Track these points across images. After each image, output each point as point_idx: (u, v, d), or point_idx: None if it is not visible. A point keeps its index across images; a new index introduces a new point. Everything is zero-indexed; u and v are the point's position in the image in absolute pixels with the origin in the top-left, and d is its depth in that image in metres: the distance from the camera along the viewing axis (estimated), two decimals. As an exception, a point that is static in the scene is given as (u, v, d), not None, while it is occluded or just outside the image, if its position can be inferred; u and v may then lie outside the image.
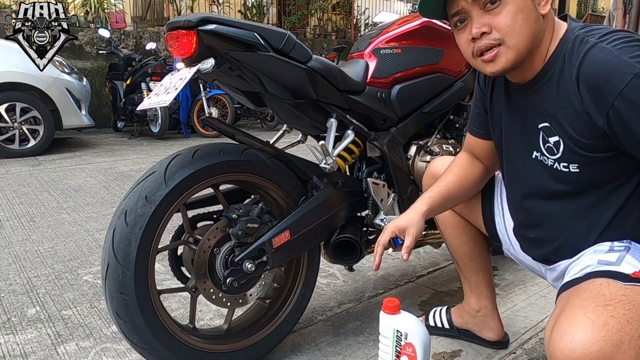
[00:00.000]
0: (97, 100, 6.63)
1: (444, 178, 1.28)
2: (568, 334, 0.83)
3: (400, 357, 1.14)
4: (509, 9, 0.93)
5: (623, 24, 3.44)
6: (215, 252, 1.35)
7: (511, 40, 0.95)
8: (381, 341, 1.18)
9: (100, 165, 4.48)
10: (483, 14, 0.95)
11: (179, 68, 1.34)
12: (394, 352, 1.15)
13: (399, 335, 1.14)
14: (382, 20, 2.03)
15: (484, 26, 0.95)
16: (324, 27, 9.90)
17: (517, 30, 0.94)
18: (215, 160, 1.30)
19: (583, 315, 0.84)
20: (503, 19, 0.94)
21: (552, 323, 0.90)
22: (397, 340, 1.14)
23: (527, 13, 0.94)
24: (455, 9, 0.98)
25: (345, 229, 1.55)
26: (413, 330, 1.13)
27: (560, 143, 1.00)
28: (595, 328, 0.81)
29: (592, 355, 0.79)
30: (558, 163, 1.02)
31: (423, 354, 1.13)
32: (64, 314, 1.81)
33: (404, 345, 1.13)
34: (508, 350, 1.49)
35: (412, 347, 1.12)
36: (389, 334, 1.15)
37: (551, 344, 0.86)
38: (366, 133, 1.60)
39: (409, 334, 1.13)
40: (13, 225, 2.81)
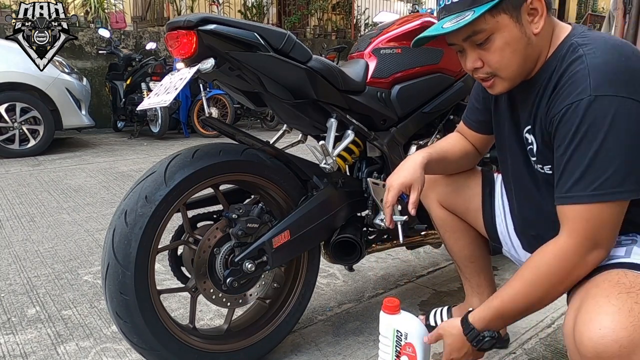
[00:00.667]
0: (97, 100, 6.63)
1: (437, 143, 1.33)
2: (595, 321, 0.83)
3: (400, 357, 1.14)
4: (497, 46, 0.96)
5: (623, 24, 3.44)
6: (215, 252, 1.35)
7: (503, 73, 1.00)
8: (381, 341, 1.17)
9: (100, 165, 4.48)
10: (475, 49, 0.99)
11: (179, 68, 1.34)
12: (394, 352, 1.14)
13: (399, 335, 1.13)
14: (382, 20, 2.03)
15: (477, 61, 1.01)
16: (324, 27, 9.90)
17: (506, 64, 0.98)
18: (215, 160, 1.30)
19: (608, 303, 0.83)
20: (492, 56, 0.98)
21: (574, 314, 0.89)
22: (397, 340, 1.13)
23: (516, 44, 0.96)
24: (450, 41, 1.02)
25: (345, 229, 1.55)
26: (413, 331, 1.13)
27: (534, 144, 1.05)
28: (622, 314, 0.81)
29: (622, 340, 0.79)
30: (536, 164, 1.07)
31: (423, 354, 1.13)
32: (64, 314, 1.81)
33: (404, 345, 1.12)
34: (508, 350, 1.49)
35: (412, 347, 1.12)
36: (389, 334, 1.14)
37: (577, 333, 0.85)
38: (366, 133, 1.60)
39: (409, 334, 1.12)
40: (13, 225, 2.81)
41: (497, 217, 1.33)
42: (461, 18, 0.94)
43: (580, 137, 0.89)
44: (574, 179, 0.90)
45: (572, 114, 0.90)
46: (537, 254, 0.97)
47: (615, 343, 0.80)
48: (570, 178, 0.91)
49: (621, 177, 0.87)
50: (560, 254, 0.93)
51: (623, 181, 0.87)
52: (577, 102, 0.89)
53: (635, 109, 0.86)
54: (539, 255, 0.96)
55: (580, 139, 0.89)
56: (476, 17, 0.92)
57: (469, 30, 0.95)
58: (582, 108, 0.88)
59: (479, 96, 1.27)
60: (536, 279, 0.95)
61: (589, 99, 0.88)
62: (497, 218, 1.33)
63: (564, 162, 0.92)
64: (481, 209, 1.36)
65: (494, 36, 0.96)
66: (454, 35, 0.99)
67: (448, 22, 0.96)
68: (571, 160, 0.90)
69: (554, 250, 0.94)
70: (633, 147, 0.87)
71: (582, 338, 0.83)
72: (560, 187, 0.93)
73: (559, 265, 0.93)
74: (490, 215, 1.34)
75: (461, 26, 0.93)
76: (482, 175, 1.39)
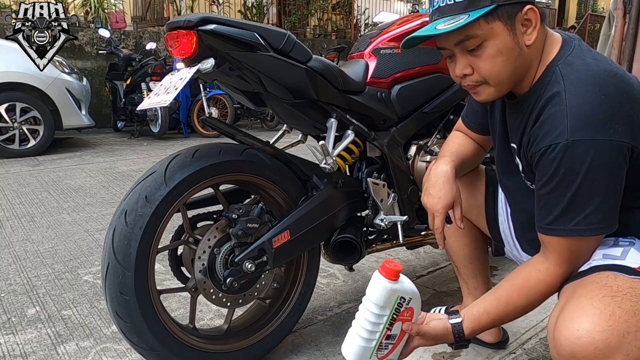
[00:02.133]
0: (97, 100, 6.63)
1: (451, 146, 1.31)
2: (575, 322, 0.84)
3: (395, 323, 1.03)
4: (489, 53, 0.95)
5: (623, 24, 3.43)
6: (215, 252, 1.35)
7: (492, 81, 0.99)
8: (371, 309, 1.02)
9: (100, 165, 4.48)
10: (466, 55, 0.98)
11: (179, 68, 1.34)
12: (389, 319, 1.02)
13: (402, 302, 1.02)
14: (382, 20, 2.03)
15: (467, 67, 0.99)
16: (324, 27, 9.90)
17: (496, 73, 0.97)
18: (215, 160, 1.30)
19: (590, 305, 0.84)
20: (483, 63, 0.97)
21: (558, 312, 0.90)
22: (398, 308, 1.02)
23: (508, 53, 0.95)
24: (441, 45, 1.01)
25: (345, 229, 1.55)
26: (416, 295, 1.04)
27: (519, 164, 1.08)
28: (602, 317, 0.82)
29: (598, 343, 0.80)
30: (525, 180, 1.09)
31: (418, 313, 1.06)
32: (64, 314, 1.81)
33: (404, 310, 1.03)
34: (508, 350, 1.49)
35: (412, 311, 1.04)
36: (389, 303, 1.01)
37: (557, 332, 0.86)
38: (366, 133, 1.60)
39: (413, 299, 1.03)
40: (13, 225, 2.81)
41: (499, 216, 1.33)
42: (455, 21, 0.93)
43: (558, 179, 0.92)
44: (555, 215, 0.94)
45: (549, 156, 0.92)
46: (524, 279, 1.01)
47: (591, 345, 0.81)
48: (551, 213, 0.95)
49: (600, 216, 0.91)
50: (551, 282, 0.99)
51: (602, 219, 0.92)
52: (554, 145, 0.91)
53: (612, 148, 0.88)
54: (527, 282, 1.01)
55: (559, 181, 0.92)
56: (471, 20, 0.91)
57: (462, 34, 0.94)
58: (559, 152, 0.90)
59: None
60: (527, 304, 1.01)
61: (566, 144, 0.89)
62: (499, 217, 1.33)
63: (544, 197, 0.96)
64: (484, 207, 1.36)
65: (487, 43, 0.94)
66: (446, 39, 0.97)
67: (442, 23, 0.95)
68: (551, 198, 0.94)
69: (546, 280, 0.99)
70: (609, 187, 0.91)
71: (560, 337, 0.85)
72: (542, 218, 0.97)
73: (548, 291, 1.00)
74: (493, 215, 1.34)
75: (455, 28, 0.92)
76: (486, 175, 1.39)
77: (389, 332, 1.03)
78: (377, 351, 1.04)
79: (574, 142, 0.89)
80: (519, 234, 1.25)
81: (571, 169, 0.90)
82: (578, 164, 0.89)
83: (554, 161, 0.91)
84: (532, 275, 1.00)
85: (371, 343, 1.03)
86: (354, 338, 1.04)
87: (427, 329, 1.04)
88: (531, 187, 1.07)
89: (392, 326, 1.03)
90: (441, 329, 1.04)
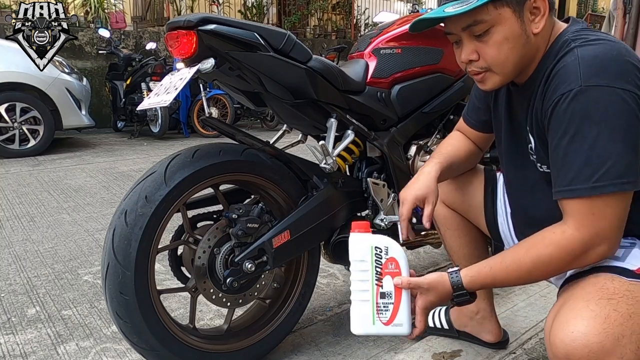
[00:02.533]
0: (97, 100, 6.63)
1: (443, 148, 1.31)
2: (570, 324, 0.83)
3: (382, 278, 1.00)
4: (496, 39, 0.95)
5: (623, 24, 3.43)
6: (215, 252, 1.35)
7: (497, 69, 0.98)
8: (355, 268, 1.02)
9: (100, 165, 4.48)
10: (473, 40, 0.97)
11: (179, 68, 1.34)
12: (374, 274, 1.00)
13: (379, 252, 1.00)
14: (382, 20, 2.03)
15: (472, 53, 0.98)
16: (324, 27, 9.90)
17: (502, 60, 0.97)
18: (215, 160, 1.30)
19: (586, 307, 0.84)
20: (489, 49, 0.96)
21: (554, 314, 0.90)
22: (377, 259, 1.00)
23: (515, 40, 0.95)
24: (448, 30, 1.01)
25: (345, 229, 1.54)
26: (392, 244, 1.02)
27: (533, 143, 1.03)
28: (597, 320, 0.81)
29: (592, 346, 0.80)
30: (537, 163, 1.05)
31: (406, 268, 1.02)
32: (64, 314, 1.81)
33: (386, 262, 1.00)
34: (508, 350, 1.49)
35: (395, 261, 1.01)
36: (365, 254, 1.00)
37: (552, 334, 0.86)
38: (366, 133, 1.60)
39: (390, 247, 1.01)
40: (13, 225, 2.81)
41: (499, 215, 1.33)
42: (465, 4, 0.92)
43: (574, 129, 0.87)
44: (573, 173, 0.88)
45: (563, 105, 0.88)
46: (538, 240, 0.93)
47: (585, 347, 0.80)
48: (569, 171, 0.88)
49: (621, 169, 0.84)
50: (565, 246, 0.90)
51: (623, 173, 0.85)
52: (567, 92, 0.87)
53: (629, 97, 0.84)
54: (540, 242, 0.93)
55: (575, 131, 0.87)
56: (480, 4, 0.90)
57: (471, 18, 0.94)
58: (573, 99, 0.87)
59: (480, 95, 1.27)
60: (533, 266, 0.93)
61: (579, 89, 0.86)
62: (499, 217, 1.33)
63: (560, 156, 0.90)
64: (483, 206, 1.36)
65: (494, 29, 0.94)
66: (454, 23, 0.97)
67: (450, 7, 0.94)
68: (568, 153, 0.88)
69: (559, 242, 0.90)
70: (628, 138, 0.85)
71: (555, 339, 0.85)
72: (561, 181, 0.90)
73: (561, 256, 0.90)
74: (493, 214, 1.34)
75: (464, 11, 0.91)
76: (485, 174, 1.39)
77: (380, 288, 1.00)
78: (378, 315, 1.00)
79: (588, 87, 0.85)
80: (519, 233, 1.25)
81: (587, 115, 0.85)
82: (594, 109, 0.85)
83: (567, 109, 0.87)
84: (545, 236, 0.92)
85: (367, 305, 1.00)
86: (353, 309, 1.02)
87: (419, 280, 1.00)
88: (542, 172, 1.03)
89: (381, 282, 1.00)
90: (435, 277, 1.00)
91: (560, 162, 0.90)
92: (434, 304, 1.01)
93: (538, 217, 1.11)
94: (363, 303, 1.01)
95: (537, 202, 1.11)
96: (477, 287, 0.99)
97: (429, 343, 1.51)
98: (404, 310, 1.01)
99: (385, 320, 1.00)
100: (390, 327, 1.00)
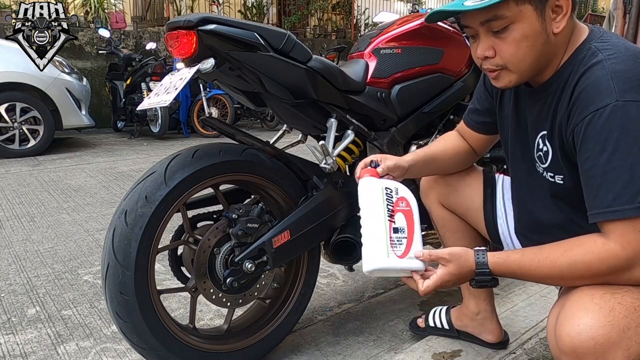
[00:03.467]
0: (97, 100, 6.63)
1: (431, 144, 1.33)
2: (575, 317, 0.84)
3: (394, 215, 1.00)
4: (514, 37, 0.92)
5: (623, 24, 3.43)
6: (215, 252, 1.35)
7: (513, 67, 0.96)
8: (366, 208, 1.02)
9: (100, 165, 4.48)
10: (490, 36, 0.95)
11: (179, 68, 1.34)
12: (386, 212, 1.00)
13: (389, 192, 1.01)
14: (382, 20, 2.03)
15: (489, 49, 0.96)
16: (324, 27, 9.89)
17: (519, 58, 0.94)
18: (215, 160, 1.30)
19: (591, 301, 0.84)
20: (507, 47, 0.93)
21: (558, 309, 0.90)
22: (388, 198, 1.00)
23: (534, 39, 0.92)
24: (465, 23, 0.98)
25: (345, 229, 1.54)
26: (402, 186, 1.02)
27: (549, 152, 1.00)
28: (602, 313, 0.82)
29: (599, 338, 0.81)
30: (546, 172, 1.03)
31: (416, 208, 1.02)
32: (64, 314, 1.81)
33: (397, 200, 1.00)
34: (508, 350, 1.49)
35: (406, 200, 1.01)
36: (377, 195, 1.01)
37: (558, 328, 0.86)
38: (366, 133, 1.60)
39: (399, 188, 1.03)
40: (13, 225, 2.81)
41: (498, 217, 1.33)
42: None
43: (612, 147, 0.83)
44: (614, 193, 0.83)
45: (598, 121, 0.84)
46: (575, 244, 0.89)
47: (591, 340, 0.81)
48: (609, 192, 0.84)
49: None
50: (606, 259, 0.85)
51: None
52: (602, 108, 0.84)
53: None
54: (577, 247, 0.88)
55: (613, 149, 0.83)
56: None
57: (490, 13, 0.91)
58: (610, 115, 0.83)
59: (481, 98, 1.26)
60: (567, 269, 0.88)
61: (615, 105, 0.83)
62: (498, 219, 1.33)
63: (598, 174, 0.85)
64: (482, 208, 1.36)
65: (514, 26, 0.91)
66: (472, 17, 0.94)
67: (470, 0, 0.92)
68: (607, 172, 0.84)
69: (599, 254, 0.85)
70: None
71: (561, 333, 0.85)
72: (599, 201, 0.86)
73: (601, 269, 0.86)
74: (492, 216, 1.34)
75: (484, 6, 0.89)
76: (483, 176, 1.38)
77: (392, 224, 0.99)
78: (392, 248, 0.98)
79: (625, 103, 0.83)
80: (522, 236, 1.24)
81: (626, 132, 0.82)
82: (633, 125, 0.82)
83: (604, 126, 0.84)
84: (585, 242, 0.88)
85: (381, 240, 0.98)
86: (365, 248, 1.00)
87: (440, 250, 0.97)
88: (553, 182, 1.01)
89: (394, 218, 1.00)
90: (458, 249, 0.97)
91: (597, 181, 0.86)
92: (453, 276, 0.96)
93: (545, 221, 1.10)
94: (376, 239, 0.98)
95: (543, 207, 1.10)
96: (501, 271, 0.95)
97: (429, 343, 1.51)
98: (417, 244, 1.00)
99: (399, 253, 0.98)
100: (405, 259, 0.98)
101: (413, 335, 1.63)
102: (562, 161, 0.97)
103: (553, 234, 1.06)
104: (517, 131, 1.13)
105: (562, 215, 1.06)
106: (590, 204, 0.88)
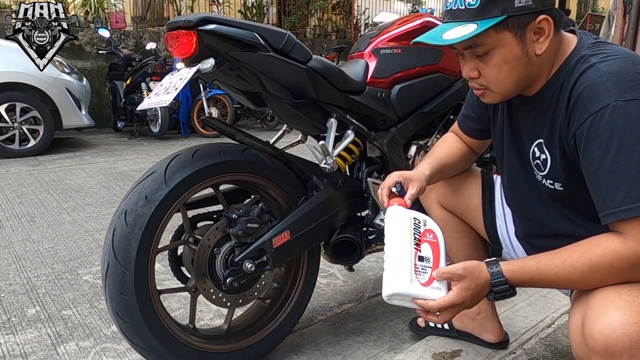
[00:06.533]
0: (97, 100, 6.63)
1: (436, 151, 1.32)
2: (606, 315, 0.82)
3: (421, 244, 1.00)
4: (495, 62, 0.95)
5: (623, 24, 3.43)
6: (215, 252, 1.35)
7: (496, 89, 0.99)
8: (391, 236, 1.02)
9: (100, 165, 4.47)
10: (474, 58, 0.98)
11: (179, 68, 1.34)
12: (413, 240, 1.00)
13: (417, 223, 1.02)
14: (382, 20, 2.03)
15: (473, 70, 1.00)
16: (324, 27, 9.89)
17: (501, 81, 0.97)
18: (215, 160, 1.30)
19: (619, 298, 0.83)
20: (489, 70, 0.97)
21: (582, 309, 0.88)
22: (416, 228, 1.02)
23: (515, 63, 0.95)
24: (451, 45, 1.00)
25: (345, 229, 1.55)
26: (430, 219, 1.04)
27: (548, 161, 1.01)
28: (633, 309, 0.81)
29: (633, 335, 0.79)
30: (545, 179, 1.04)
31: (444, 243, 1.02)
32: (64, 314, 1.81)
33: (424, 231, 1.02)
34: (508, 350, 1.49)
35: (433, 233, 1.02)
36: (405, 224, 1.01)
37: (587, 327, 0.84)
38: (366, 133, 1.60)
39: (428, 220, 1.04)
40: (13, 225, 2.81)
41: (497, 218, 1.33)
42: (464, 30, 0.92)
43: (616, 146, 0.84)
44: (623, 192, 0.83)
45: (600, 122, 0.85)
46: (592, 245, 0.88)
47: (626, 337, 0.79)
48: (618, 191, 0.84)
49: None
50: (627, 257, 0.85)
51: None
52: (602, 109, 0.85)
53: None
54: (595, 248, 0.87)
55: (618, 148, 0.83)
56: (478, 33, 0.90)
57: (470, 42, 0.94)
58: (611, 115, 0.84)
59: (474, 105, 1.27)
60: (589, 270, 0.87)
61: (616, 105, 0.84)
62: (497, 219, 1.33)
63: (605, 174, 0.85)
64: (481, 209, 1.36)
65: (494, 51, 0.94)
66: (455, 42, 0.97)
67: (450, 30, 0.94)
68: (614, 171, 0.84)
69: (619, 252, 0.85)
70: None
71: (592, 331, 0.83)
72: (610, 202, 0.85)
73: (623, 268, 0.85)
74: (491, 217, 1.34)
75: (460, 41, 0.92)
76: (482, 176, 1.38)
77: (418, 252, 0.99)
78: (417, 275, 0.97)
79: (625, 102, 0.83)
80: (523, 238, 1.24)
81: (629, 130, 0.83)
82: (634, 123, 0.82)
83: (606, 127, 0.84)
84: (602, 242, 0.87)
85: (405, 266, 0.97)
86: (387, 271, 0.99)
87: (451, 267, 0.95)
88: (552, 189, 1.02)
89: (420, 247, 1.00)
90: (470, 262, 0.94)
91: (605, 182, 0.86)
92: (469, 291, 0.93)
93: (549, 227, 1.11)
94: (400, 264, 0.98)
95: (545, 213, 1.10)
96: (518, 279, 0.93)
97: (429, 343, 1.51)
98: None
99: (423, 282, 0.96)
100: (428, 288, 0.96)
101: (413, 335, 1.63)
102: (563, 167, 0.98)
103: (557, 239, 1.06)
104: (512, 139, 1.13)
105: (565, 219, 1.06)
106: (600, 206, 0.88)
